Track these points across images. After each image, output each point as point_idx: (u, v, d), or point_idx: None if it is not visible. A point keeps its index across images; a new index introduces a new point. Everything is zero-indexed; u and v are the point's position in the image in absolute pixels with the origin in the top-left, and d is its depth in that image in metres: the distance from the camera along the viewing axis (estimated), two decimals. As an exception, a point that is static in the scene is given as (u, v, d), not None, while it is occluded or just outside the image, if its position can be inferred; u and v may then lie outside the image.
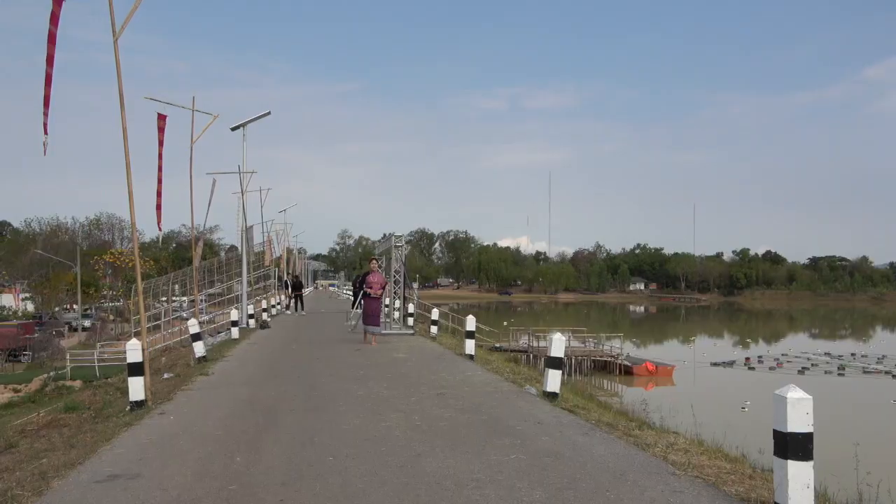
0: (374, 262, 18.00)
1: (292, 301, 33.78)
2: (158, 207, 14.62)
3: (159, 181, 14.27)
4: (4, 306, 61.98)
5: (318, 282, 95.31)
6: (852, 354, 46.61)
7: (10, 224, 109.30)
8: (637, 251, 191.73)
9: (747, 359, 43.43)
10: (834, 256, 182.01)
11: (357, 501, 4.95)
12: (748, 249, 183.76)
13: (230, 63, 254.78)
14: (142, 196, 11.07)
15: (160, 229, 15.48)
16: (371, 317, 16.93)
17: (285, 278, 39.81)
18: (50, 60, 8.82)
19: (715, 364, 41.81)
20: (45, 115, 8.84)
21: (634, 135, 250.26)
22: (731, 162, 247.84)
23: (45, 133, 8.83)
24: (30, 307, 65.79)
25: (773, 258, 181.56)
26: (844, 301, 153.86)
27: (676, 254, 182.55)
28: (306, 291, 55.54)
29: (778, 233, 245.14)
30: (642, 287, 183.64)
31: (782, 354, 45.87)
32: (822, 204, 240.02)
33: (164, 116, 14.18)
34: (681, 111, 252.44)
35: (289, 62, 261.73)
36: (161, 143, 14.08)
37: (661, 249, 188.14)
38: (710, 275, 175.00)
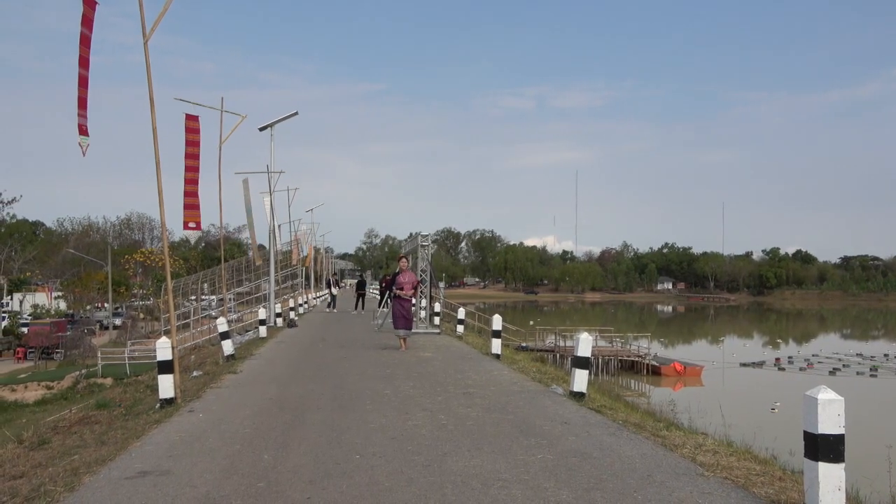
0: (405, 260, 16.66)
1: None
2: (193, 207, 14.69)
3: (187, 181, 14.40)
4: (38, 305, 62.98)
5: (344, 280, 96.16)
6: (885, 355, 45.67)
7: (43, 224, 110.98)
8: (665, 250, 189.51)
9: (777, 359, 42.88)
10: (866, 255, 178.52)
11: (384, 500, 4.96)
12: (778, 249, 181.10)
13: (257, 64, 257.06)
14: (172, 196, 11.19)
15: (195, 227, 15.41)
16: (402, 319, 15.61)
17: (330, 278, 40.63)
18: (84, 63, 8.90)
19: (744, 364, 41.32)
20: (82, 116, 8.90)
21: (662, 134, 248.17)
22: (760, 161, 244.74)
23: (83, 134, 8.90)
24: (62, 306, 66.82)
25: (803, 257, 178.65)
26: (877, 301, 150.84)
27: (705, 253, 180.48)
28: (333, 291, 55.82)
29: (809, 232, 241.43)
30: (670, 287, 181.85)
31: (813, 355, 45.15)
32: (853, 202, 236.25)
33: (196, 117, 14.32)
34: (708, 110, 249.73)
35: (315, 63, 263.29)
36: (196, 144, 14.20)
37: (690, 249, 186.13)
38: (739, 274, 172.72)
